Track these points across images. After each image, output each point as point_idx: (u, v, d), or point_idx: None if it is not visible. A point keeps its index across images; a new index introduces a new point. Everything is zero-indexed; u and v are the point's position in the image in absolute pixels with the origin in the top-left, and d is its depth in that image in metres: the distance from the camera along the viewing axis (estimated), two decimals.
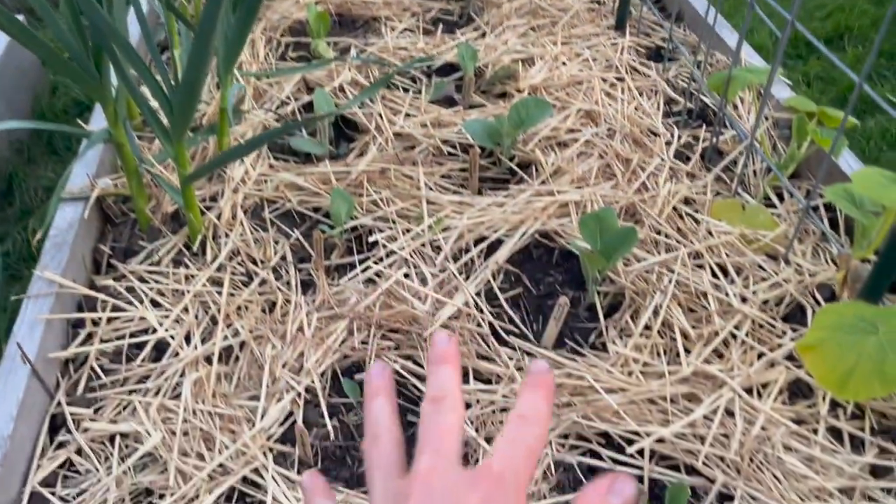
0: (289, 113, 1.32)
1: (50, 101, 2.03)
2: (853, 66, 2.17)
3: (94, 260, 1.07)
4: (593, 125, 1.28)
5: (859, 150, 1.89)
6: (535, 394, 0.32)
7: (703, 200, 1.15)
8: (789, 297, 1.00)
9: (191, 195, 1.04)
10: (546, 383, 0.33)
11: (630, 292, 1.00)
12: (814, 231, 1.10)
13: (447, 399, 0.32)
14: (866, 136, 1.93)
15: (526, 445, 0.30)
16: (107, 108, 1.03)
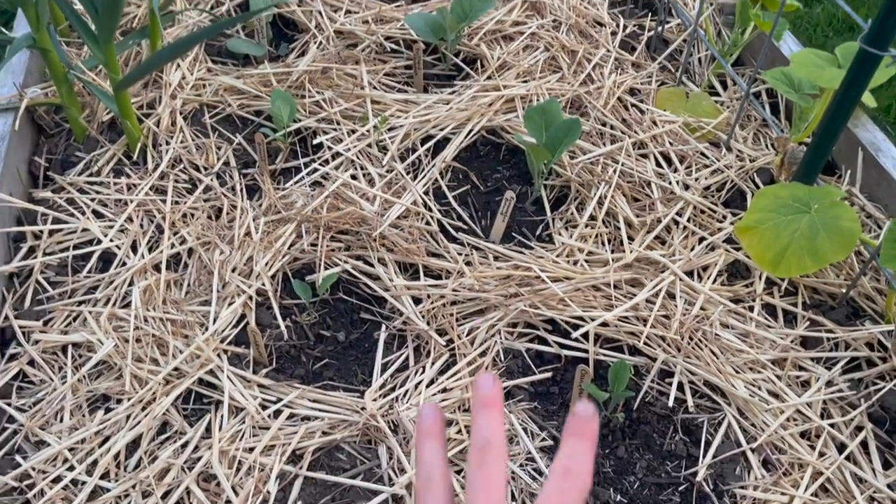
0: (224, 13, 1.27)
1: None
2: None
3: (30, 172, 1.04)
4: (539, 17, 1.26)
5: (806, 37, 1.89)
6: (579, 444, 0.32)
7: (648, 90, 1.15)
8: (730, 182, 1.02)
9: (126, 102, 1.01)
10: (591, 432, 0.32)
11: (576, 184, 1.02)
12: (755, 117, 1.11)
13: (493, 450, 0.32)
14: (813, 22, 1.93)
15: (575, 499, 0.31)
16: (28, 13, 0.97)
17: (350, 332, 0.89)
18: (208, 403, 0.81)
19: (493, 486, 0.31)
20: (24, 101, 1.04)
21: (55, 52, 1.01)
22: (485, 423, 0.33)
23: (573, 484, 0.31)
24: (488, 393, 0.33)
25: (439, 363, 0.83)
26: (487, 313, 0.88)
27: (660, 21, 1.23)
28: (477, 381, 0.34)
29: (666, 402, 0.81)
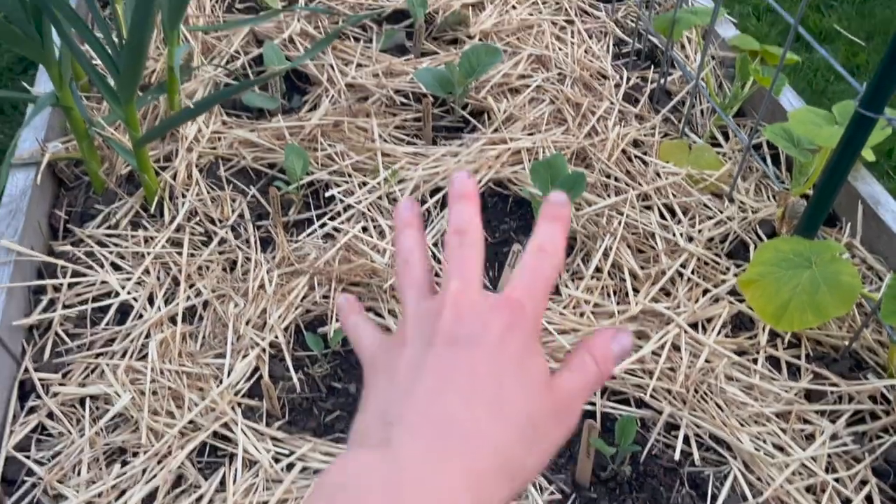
0: (239, 67, 1.31)
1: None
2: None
3: (50, 225, 1.07)
4: (544, 70, 1.30)
5: (806, 82, 1.93)
6: (552, 226, 0.34)
7: (652, 142, 1.18)
8: (733, 234, 1.04)
9: (144, 157, 1.04)
10: (563, 216, 0.34)
11: (581, 236, 1.04)
12: (757, 168, 1.14)
13: (469, 232, 0.33)
14: (813, 67, 1.97)
15: (544, 277, 0.33)
16: (51, 71, 1.01)
17: (361, 384, 0.90)
18: (222, 456, 0.82)
19: (468, 266, 0.33)
20: (46, 156, 1.08)
21: (77, 110, 1.04)
22: (460, 211, 0.34)
23: (547, 259, 0.33)
24: (464, 185, 0.35)
25: None
26: None
27: (662, 73, 1.26)
28: (452, 177, 0.36)
29: (672, 455, 0.82)
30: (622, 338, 0.34)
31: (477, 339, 0.30)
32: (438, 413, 0.29)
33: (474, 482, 0.28)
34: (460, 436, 0.28)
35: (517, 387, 0.30)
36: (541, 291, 0.32)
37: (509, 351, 0.30)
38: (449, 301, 0.31)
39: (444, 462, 0.28)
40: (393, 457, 0.28)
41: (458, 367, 0.30)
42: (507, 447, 0.29)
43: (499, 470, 0.29)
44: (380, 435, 0.29)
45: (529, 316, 0.32)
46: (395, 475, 0.27)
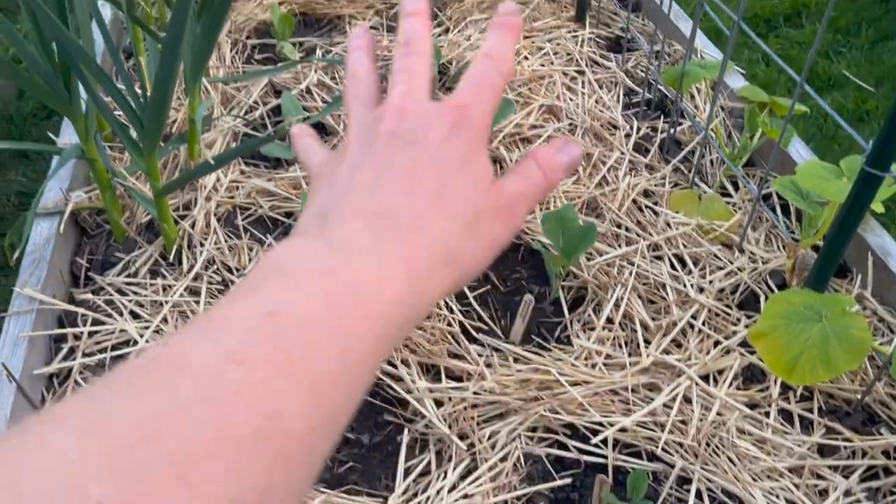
0: (257, 118, 1.34)
1: (18, 105, 2.02)
2: (811, 44, 2.22)
3: (72, 273, 1.09)
4: (555, 120, 1.32)
5: (817, 127, 1.95)
6: (502, 35, 0.34)
7: (662, 192, 1.20)
8: (743, 285, 1.05)
9: (164, 207, 1.07)
10: (513, 25, 0.34)
11: (593, 286, 1.05)
12: (767, 219, 1.15)
13: (416, 42, 0.33)
14: (823, 113, 1.98)
15: (491, 82, 0.32)
16: (77, 125, 1.04)
17: (374, 434, 0.91)
18: None
19: (414, 72, 0.32)
20: (69, 206, 1.11)
21: (101, 161, 1.07)
22: (409, 25, 0.34)
23: (494, 65, 0.33)
24: (415, 4, 0.35)
25: (461, 468, 0.86)
26: (508, 417, 0.90)
27: (672, 123, 1.28)
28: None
29: None
30: (571, 148, 0.34)
31: (420, 137, 0.30)
32: (376, 203, 0.29)
33: (411, 264, 0.27)
34: (398, 223, 0.28)
35: (459, 182, 0.30)
36: (488, 96, 0.32)
37: (453, 150, 0.30)
38: (393, 103, 0.31)
39: (379, 243, 0.27)
40: (328, 240, 0.27)
41: (398, 161, 0.30)
42: (446, 236, 0.29)
43: (437, 256, 0.28)
44: (317, 227, 0.29)
45: (475, 119, 0.31)
46: (328, 255, 0.27)
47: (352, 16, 1.61)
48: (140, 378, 0.21)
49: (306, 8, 1.64)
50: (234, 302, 0.24)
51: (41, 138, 1.89)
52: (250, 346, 0.22)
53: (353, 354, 0.25)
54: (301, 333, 0.23)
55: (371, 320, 0.26)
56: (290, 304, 0.24)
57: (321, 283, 0.25)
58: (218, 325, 0.23)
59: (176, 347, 0.22)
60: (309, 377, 0.23)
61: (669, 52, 1.50)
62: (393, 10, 1.65)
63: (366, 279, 0.26)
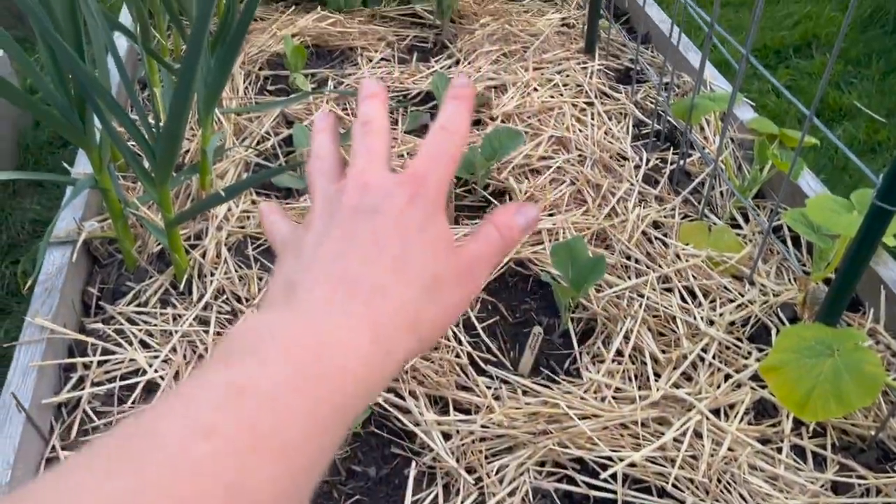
0: (269, 148, 1.36)
1: (34, 135, 2.05)
2: (821, 74, 2.23)
3: (83, 302, 1.10)
4: (565, 151, 1.33)
5: (828, 158, 1.94)
6: (456, 107, 0.35)
7: (672, 223, 1.19)
8: (754, 317, 1.04)
9: (175, 237, 1.08)
10: (466, 95, 0.35)
11: (602, 318, 1.05)
12: (778, 250, 1.14)
13: (374, 121, 0.35)
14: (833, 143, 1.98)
15: (448, 154, 0.34)
16: (91, 155, 1.06)
17: (381, 467, 0.91)
18: None
19: (373, 148, 0.34)
20: (82, 235, 1.12)
21: (114, 191, 1.09)
22: (366, 107, 0.35)
23: (449, 136, 0.34)
24: (374, 89, 0.36)
25: (469, 502, 0.85)
26: (516, 451, 0.89)
27: (682, 155, 1.28)
28: (362, 83, 0.37)
29: None
30: (528, 210, 0.35)
31: (380, 207, 0.31)
32: (341, 271, 0.30)
33: (376, 328, 0.28)
34: (362, 289, 0.29)
35: (420, 249, 0.31)
36: (444, 166, 0.33)
37: (412, 218, 0.31)
38: (353, 178, 0.33)
39: (344, 309, 0.28)
40: (294, 309, 0.28)
41: (360, 231, 0.31)
42: (409, 302, 0.30)
43: (401, 320, 0.29)
44: (284, 298, 0.30)
45: (432, 188, 0.32)
46: (294, 323, 0.27)
47: (363, 47, 1.63)
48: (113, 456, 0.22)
49: (319, 40, 1.66)
50: (204, 376, 0.25)
51: (56, 167, 1.92)
52: (218, 420, 0.23)
53: (320, 418, 0.25)
54: (268, 404, 0.24)
55: (337, 383, 0.26)
56: (258, 376, 0.25)
57: (288, 351, 0.26)
58: (188, 400, 0.24)
59: (148, 423, 0.23)
60: (276, 445, 0.23)
61: (679, 84, 1.51)
62: (404, 43, 1.67)
63: (332, 343, 0.27)
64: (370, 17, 1.75)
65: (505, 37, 1.64)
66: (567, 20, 1.73)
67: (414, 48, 1.66)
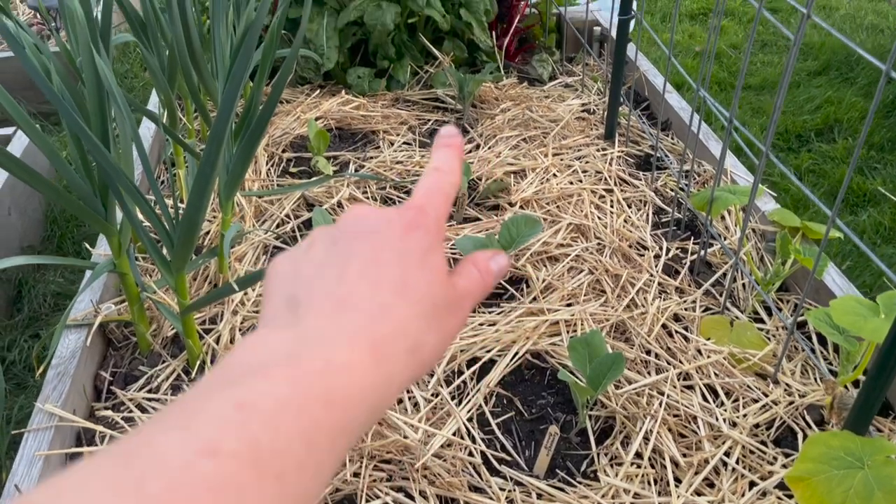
0: (288, 231, 1.36)
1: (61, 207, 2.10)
2: (843, 159, 2.22)
3: (94, 386, 1.09)
4: (583, 240, 1.32)
5: (852, 244, 1.91)
6: (447, 152, 0.37)
7: (693, 317, 1.17)
8: (779, 419, 1.01)
9: (190, 323, 1.07)
10: (456, 143, 0.37)
11: (621, 417, 1.02)
12: (803, 347, 1.11)
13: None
14: (859, 230, 1.96)
15: (442, 191, 0.35)
16: (111, 241, 1.07)
17: None
18: None
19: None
20: (98, 318, 1.12)
21: (132, 276, 1.09)
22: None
23: (444, 176, 0.36)
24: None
25: None
26: None
27: (703, 245, 1.27)
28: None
29: None
30: (500, 258, 0.37)
31: (381, 232, 0.32)
32: (345, 293, 0.30)
33: (378, 353, 0.28)
34: (367, 312, 0.29)
35: (420, 274, 0.31)
36: (441, 202, 0.34)
37: (413, 244, 0.32)
38: (350, 211, 0.34)
39: (347, 332, 0.28)
40: (296, 329, 0.29)
41: (362, 254, 0.31)
42: (410, 325, 0.30)
43: (402, 343, 0.30)
44: (287, 316, 0.30)
45: (431, 218, 0.33)
46: (297, 345, 0.28)
47: (385, 131, 1.66)
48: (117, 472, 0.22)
49: (342, 122, 1.69)
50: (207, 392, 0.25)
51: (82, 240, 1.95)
52: (220, 438, 0.23)
53: (320, 441, 0.25)
54: (269, 423, 0.24)
55: (339, 406, 0.26)
56: (260, 395, 0.25)
57: (290, 373, 0.26)
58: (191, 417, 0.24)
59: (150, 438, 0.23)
60: (276, 466, 0.23)
61: (699, 172, 1.50)
62: (426, 127, 1.69)
63: (334, 366, 0.27)
64: (393, 100, 1.78)
65: (525, 122, 1.66)
66: (587, 106, 1.75)
67: (435, 132, 1.68)
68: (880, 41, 2.98)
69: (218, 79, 1.27)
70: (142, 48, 1.30)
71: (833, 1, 3.37)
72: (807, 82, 2.67)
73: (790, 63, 0.89)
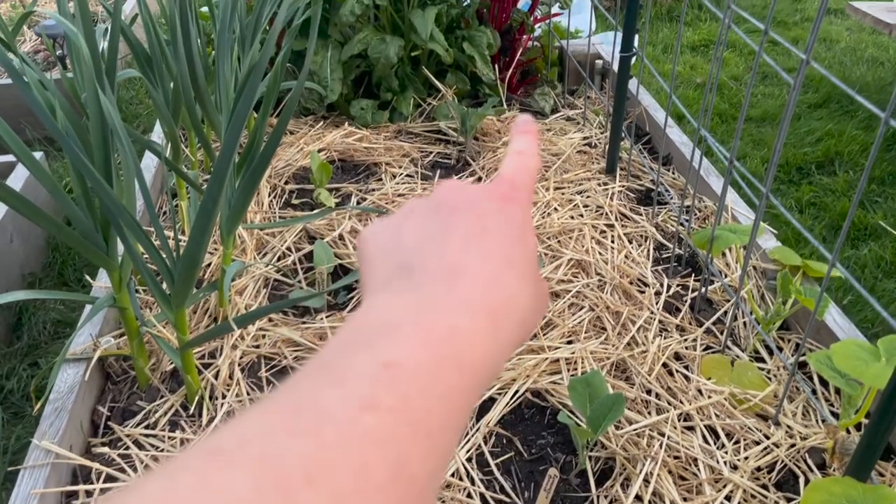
0: (289, 264, 1.37)
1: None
2: (844, 192, 2.22)
3: (91, 422, 1.08)
4: (584, 275, 1.32)
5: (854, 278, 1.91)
6: (525, 136, 0.38)
7: (693, 356, 1.17)
8: (780, 462, 1.00)
9: (189, 358, 1.07)
10: (532, 129, 0.39)
11: (621, 458, 1.01)
12: (804, 389, 1.11)
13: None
14: (860, 264, 1.96)
15: (528, 169, 0.36)
16: (112, 276, 1.07)
17: None
18: None
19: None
20: (97, 353, 1.12)
21: (132, 310, 1.09)
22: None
23: (527, 158, 0.37)
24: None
25: None
26: None
27: (703, 282, 1.27)
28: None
29: None
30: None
31: (481, 203, 0.33)
32: (456, 261, 0.30)
33: (495, 321, 0.29)
34: (481, 281, 0.30)
35: (521, 249, 0.32)
36: (528, 181, 0.36)
37: (511, 218, 0.33)
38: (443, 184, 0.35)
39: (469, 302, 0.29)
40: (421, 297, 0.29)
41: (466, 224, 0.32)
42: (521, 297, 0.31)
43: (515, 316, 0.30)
44: (403, 282, 0.30)
45: (523, 194, 0.34)
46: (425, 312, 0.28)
47: (388, 163, 1.67)
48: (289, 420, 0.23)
49: (345, 154, 1.70)
50: (348, 351, 0.26)
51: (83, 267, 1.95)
52: (376, 395, 0.24)
53: (454, 402, 0.26)
54: (414, 383, 0.25)
55: (466, 370, 0.27)
56: (401, 356, 0.26)
57: (423, 336, 0.27)
58: (343, 375, 0.25)
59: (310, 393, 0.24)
60: (425, 424, 0.25)
61: (699, 207, 1.51)
62: (428, 159, 1.70)
63: (459, 332, 0.28)
64: (396, 132, 1.79)
65: None
66: (589, 139, 1.76)
67: (437, 164, 1.69)
68: (881, 74, 3.00)
69: (221, 112, 1.28)
70: (147, 83, 1.31)
71: (833, 34, 3.40)
72: (807, 115, 2.68)
73: (790, 105, 0.90)
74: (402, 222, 0.34)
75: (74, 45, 1.04)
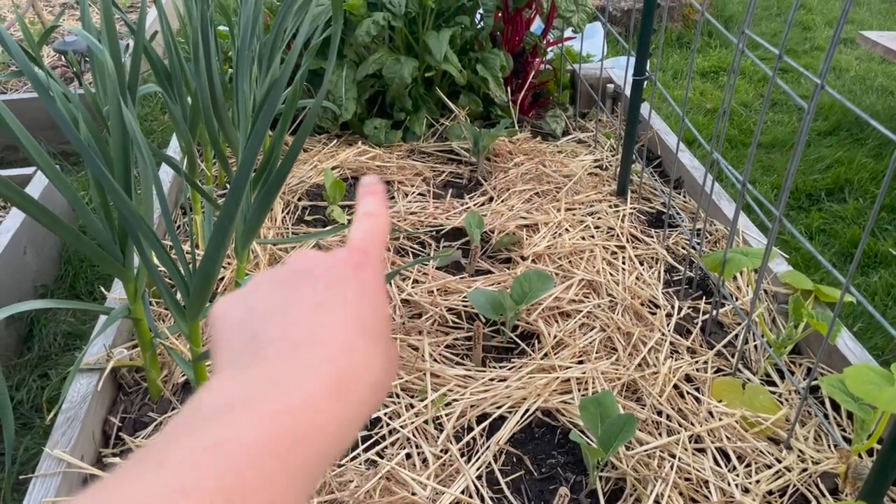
0: None
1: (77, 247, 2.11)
2: (854, 219, 2.22)
3: (103, 432, 1.09)
4: (595, 296, 1.32)
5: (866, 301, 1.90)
6: (372, 197, 0.38)
7: (704, 378, 1.16)
8: (792, 487, 0.99)
9: (202, 370, 1.07)
10: (378, 190, 0.39)
11: (632, 479, 1.00)
12: (816, 413, 1.10)
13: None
14: (871, 291, 1.95)
15: (379, 231, 0.36)
16: (127, 287, 1.08)
17: None
18: None
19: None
20: (110, 363, 1.12)
21: (146, 322, 1.10)
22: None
23: (376, 218, 0.37)
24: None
25: None
26: None
27: (715, 304, 1.27)
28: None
29: None
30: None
31: (334, 270, 0.33)
32: (307, 330, 0.30)
33: (344, 387, 0.29)
34: (331, 348, 0.30)
35: (375, 313, 0.32)
36: (378, 242, 0.36)
37: (365, 284, 0.33)
38: (295, 254, 0.35)
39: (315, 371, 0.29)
40: (264, 370, 0.29)
41: (319, 292, 0.32)
42: (373, 361, 0.31)
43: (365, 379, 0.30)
44: (249, 356, 0.30)
45: (374, 259, 0.35)
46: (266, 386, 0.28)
47: (400, 182, 1.68)
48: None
49: (358, 172, 1.71)
50: (178, 435, 0.26)
51: (95, 280, 1.96)
52: (196, 478, 0.24)
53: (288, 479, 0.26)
54: (243, 462, 0.25)
55: (305, 443, 0.27)
56: (231, 437, 0.26)
57: (257, 413, 0.27)
58: (167, 458, 0.25)
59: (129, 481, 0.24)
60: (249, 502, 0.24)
61: (710, 231, 1.51)
62: (440, 178, 1.71)
63: (302, 401, 0.28)
64: (408, 152, 1.81)
65: (538, 176, 1.68)
66: (600, 162, 1.77)
67: (449, 184, 1.70)
68: (890, 103, 3.01)
69: (239, 129, 1.30)
70: (166, 97, 1.33)
71: (843, 62, 3.42)
72: (817, 142, 2.69)
73: (804, 129, 0.91)
74: (253, 293, 0.33)
75: (98, 59, 1.06)
